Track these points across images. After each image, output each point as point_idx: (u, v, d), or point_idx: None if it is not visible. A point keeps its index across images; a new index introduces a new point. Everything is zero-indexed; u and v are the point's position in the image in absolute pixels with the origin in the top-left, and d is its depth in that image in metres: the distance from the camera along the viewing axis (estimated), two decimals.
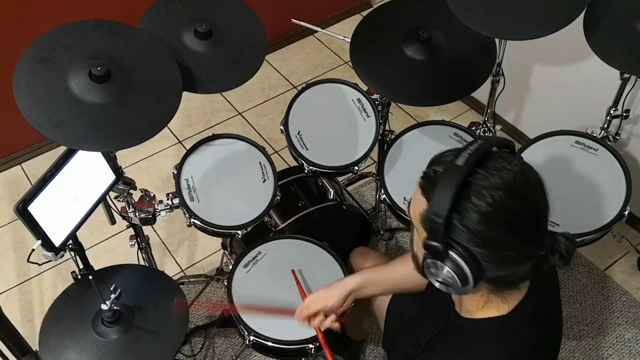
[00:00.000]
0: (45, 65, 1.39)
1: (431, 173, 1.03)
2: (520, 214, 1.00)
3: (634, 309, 2.27)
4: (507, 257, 1.02)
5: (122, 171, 1.68)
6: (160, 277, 1.72)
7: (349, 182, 2.52)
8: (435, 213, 0.97)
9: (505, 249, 1.00)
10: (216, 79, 1.64)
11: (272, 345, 1.63)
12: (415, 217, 1.07)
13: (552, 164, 1.91)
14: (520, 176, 1.00)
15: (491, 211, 0.97)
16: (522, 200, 1.00)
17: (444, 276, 1.03)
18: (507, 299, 1.09)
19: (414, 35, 1.81)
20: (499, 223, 0.98)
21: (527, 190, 1.00)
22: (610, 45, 1.69)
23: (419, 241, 1.09)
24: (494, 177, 0.98)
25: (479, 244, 0.98)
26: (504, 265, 1.03)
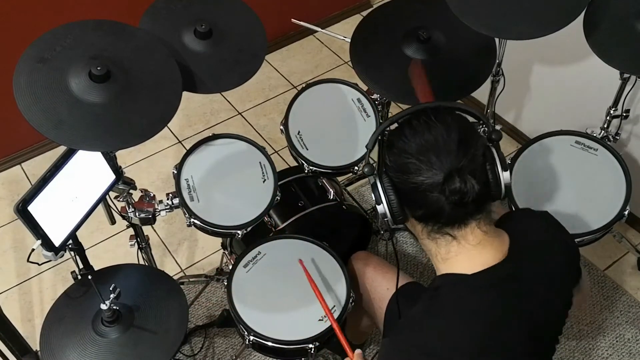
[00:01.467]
0: (45, 65, 1.39)
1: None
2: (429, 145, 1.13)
3: (634, 309, 2.27)
4: (414, 182, 1.13)
5: (122, 171, 1.68)
6: (160, 277, 1.72)
7: (349, 182, 2.52)
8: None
9: (415, 172, 1.12)
10: (216, 79, 1.64)
11: (272, 345, 1.63)
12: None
13: (552, 164, 1.91)
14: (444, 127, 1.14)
15: (399, 132, 1.18)
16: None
17: (376, 199, 1.18)
18: (457, 255, 1.17)
19: (414, 35, 1.81)
20: (407, 154, 1.14)
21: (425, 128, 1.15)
22: (610, 45, 1.69)
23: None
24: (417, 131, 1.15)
25: (394, 169, 1.16)
26: (418, 198, 1.14)
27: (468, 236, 1.16)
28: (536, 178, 1.87)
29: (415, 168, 1.12)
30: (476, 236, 1.16)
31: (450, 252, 1.18)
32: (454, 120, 1.15)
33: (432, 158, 1.10)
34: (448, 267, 1.19)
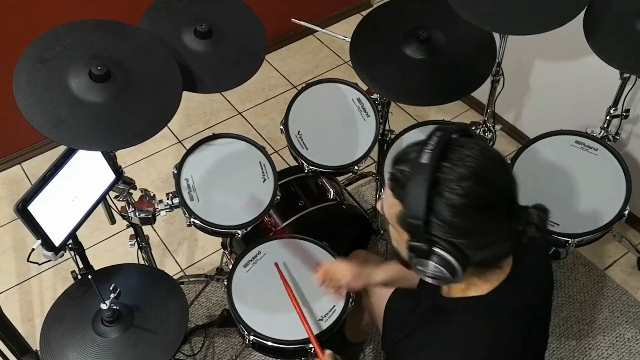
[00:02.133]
0: (45, 65, 1.39)
1: (398, 174, 1.05)
2: (491, 197, 1.02)
3: (634, 308, 2.27)
4: (488, 240, 1.04)
5: (122, 171, 1.68)
6: (160, 276, 1.72)
7: (349, 182, 2.52)
8: (412, 216, 1.00)
9: (484, 234, 1.03)
10: (216, 79, 1.64)
11: (272, 345, 1.63)
12: (392, 218, 1.09)
13: (552, 164, 1.91)
14: (483, 161, 1.02)
15: (464, 202, 0.99)
16: (491, 184, 1.02)
17: (433, 271, 1.05)
18: (489, 279, 1.12)
19: (414, 35, 1.81)
20: (473, 211, 1.00)
21: (492, 173, 1.03)
22: (610, 45, 1.69)
23: (398, 238, 1.11)
24: (459, 168, 1.00)
25: (459, 234, 1.01)
26: (486, 248, 1.05)
27: (509, 261, 1.14)
28: (536, 178, 1.87)
29: (494, 226, 1.04)
30: (510, 259, 1.14)
31: (488, 281, 1.13)
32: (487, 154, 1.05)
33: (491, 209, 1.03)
34: (467, 292, 1.15)
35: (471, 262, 1.05)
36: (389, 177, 1.08)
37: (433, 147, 1.01)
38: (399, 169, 1.05)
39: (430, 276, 1.07)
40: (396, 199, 1.05)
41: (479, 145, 1.04)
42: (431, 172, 0.99)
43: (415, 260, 1.06)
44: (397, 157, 1.08)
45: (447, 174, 0.99)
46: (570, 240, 1.77)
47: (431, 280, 1.09)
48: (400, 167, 1.05)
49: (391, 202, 1.07)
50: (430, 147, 1.01)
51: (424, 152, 1.01)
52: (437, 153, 1.00)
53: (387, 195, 1.09)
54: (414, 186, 0.99)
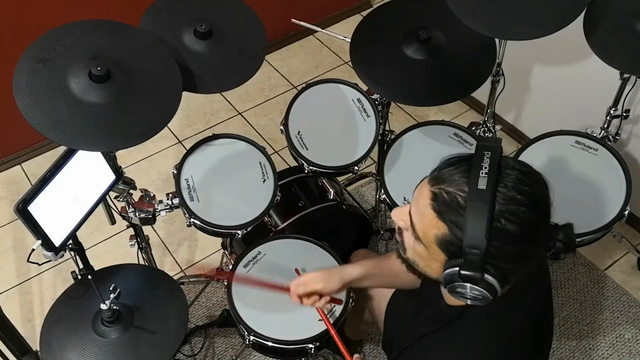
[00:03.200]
0: (45, 65, 1.39)
1: (444, 195, 1.01)
2: (541, 223, 1.02)
3: (634, 309, 2.27)
4: (530, 264, 1.04)
5: (122, 171, 1.68)
6: (160, 276, 1.72)
7: (349, 182, 2.52)
8: (472, 246, 0.97)
9: (530, 258, 1.03)
10: (216, 79, 1.64)
11: (272, 345, 1.63)
12: (428, 237, 1.05)
13: (552, 164, 1.91)
14: (534, 184, 1.01)
15: (518, 230, 0.98)
16: (541, 209, 1.01)
17: (473, 294, 1.03)
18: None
19: (414, 35, 1.81)
20: (527, 239, 1.00)
21: (542, 197, 1.02)
22: (610, 45, 1.69)
23: (427, 256, 1.08)
24: (514, 193, 0.98)
25: (508, 261, 1.00)
26: (524, 269, 1.05)
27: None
28: None
29: (538, 251, 1.04)
30: None
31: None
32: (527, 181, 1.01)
33: (539, 235, 1.02)
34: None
35: (508, 284, 1.04)
36: (432, 197, 1.02)
37: (488, 169, 0.97)
38: (445, 190, 1.00)
39: (470, 298, 1.04)
40: (442, 222, 1.01)
41: (526, 167, 1.03)
42: (491, 200, 0.95)
43: (458, 284, 1.03)
44: (440, 175, 1.03)
45: (503, 200, 0.97)
46: None
47: (469, 301, 1.06)
48: (447, 189, 1.00)
49: (434, 223, 1.02)
50: (484, 169, 0.97)
51: (480, 175, 0.97)
52: (493, 177, 0.97)
53: (427, 215, 1.03)
54: (474, 214, 0.96)
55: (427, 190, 1.04)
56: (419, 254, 1.11)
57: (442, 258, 1.05)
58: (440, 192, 1.01)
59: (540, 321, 1.22)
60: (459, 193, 0.99)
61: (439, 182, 1.03)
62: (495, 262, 0.99)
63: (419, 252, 1.10)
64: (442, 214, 1.01)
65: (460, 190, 0.99)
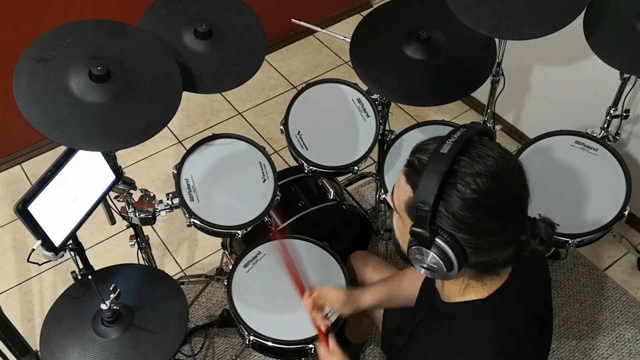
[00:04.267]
0: (45, 65, 1.39)
1: (415, 161, 1.06)
2: (503, 199, 1.02)
3: (634, 309, 2.27)
4: (490, 242, 1.04)
5: (122, 171, 1.68)
6: (160, 276, 1.72)
7: (349, 182, 2.52)
8: (421, 200, 0.99)
9: (488, 234, 1.03)
10: (216, 79, 1.64)
11: (272, 345, 1.63)
12: (400, 204, 1.09)
13: (552, 164, 1.91)
14: (502, 162, 1.02)
15: (475, 197, 0.99)
16: (505, 186, 1.02)
17: (429, 262, 1.05)
18: (487, 284, 1.12)
19: (414, 35, 1.81)
20: (483, 209, 1.00)
21: (509, 176, 1.03)
22: (610, 45, 1.69)
23: (402, 227, 1.11)
24: (477, 164, 1.00)
25: (463, 230, 1.01)
26: (487, 250, 1.05)
27: (508, 269, 1.13)
28: (536, 178, 1.86)
29: (499, 229, 1.03)
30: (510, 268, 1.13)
31: (485, 285, 1.12)
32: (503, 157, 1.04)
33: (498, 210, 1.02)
34: (466, 296, 1.14)
35: (469, 261, 1.04)
36: (406, 164, 1.08)
37: (455, 140, 1.01)
38: (417, 157, 1.06)
39: (426, 267, 1.06)
40: (408, 185, 1.05)
41: (501, 149, 1.04)
42: (449, 162, 0.99)
43: (415, 249, 1.05)
44: (417, 146, 1.09)
45: (464, 168, 1.00)
46: (570, 241, 1.77)
47: (424, 271, 1.08)
48: (418, 155, 1.06)
49: (403, 187, 1.07)
50: (452, 139, 1.01)
51: (445, 143, 1.01)
52: (458, 145, 1.00)
53: (399, 181, 1.09)
54: (429, 172, 0.99)
55: (405, 161, 1.09)
56: (398, 229, 1.14)
57: (410, 225, 1.06)
58: (414, 159, 1.06)
59: (539, 317, 1.22)
60: (424, 158, 1.03)
61: (415, 152, 1.08)
62: (449, 227, 1.00)
63: (399, 228, 1.13)
64: (409, 177, 1.06)
65: (428, 156, 1.03)
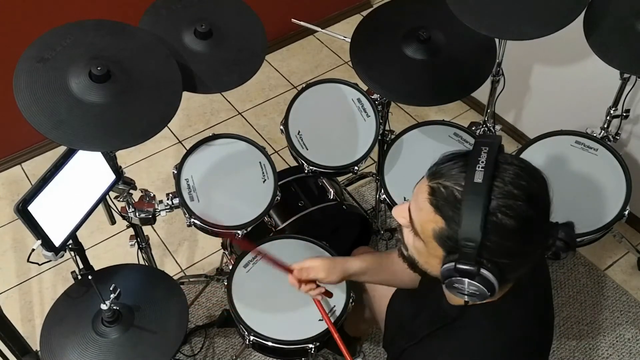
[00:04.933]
0: (45, 65, 1.39)
1: (441, 189, 1.01)
2: (539, 219, 1.01)
3: (634, 309, 2.27)
4: (527, 260, 1.04)
5: (122, 171, 1.68)
6: (160, 276, 1.72)
7: (349, 182, 2.52)
8: (467, 239, 0.97)
9: (527, 255, 1.03)
10: (216, 79, 1.64)
11: (272, 345, 1.63)
12: (426, 231, 1.05)
13: (552, 164, 1.91)
14: (532, 180, 1.01)
15: (515, 224, 0.98)
16: (539, 205, 1.01)
17: (471, 290, 1.03)
18: (502, 289, 1.10)
19: (414, 35, 1.81)
20: (522, 233, 0.99)
21: (540, 193, 1.02)
22: (610, 45, 1.69)
23: (424, 250, 1.09)
24: (512, 188, 0.98)
25: (505, 256, 1.00)
26: (522, 267, 1.05)
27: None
28: None
29: (535, 247, 1.03)
30: None
31: (499, 290, 1.10)
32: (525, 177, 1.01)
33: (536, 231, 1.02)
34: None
35: (506, 280, 1.04)
36: (429, 192, 1.02)
37: (484, 164, 0.97)
38: (443, 184, 1.01)
39: (467, 294, 1.05)
40: (439, 216, 1.01)
41: (524, 163, 1.03)
42: (488, 193, 0.96)
43: (455, 280, 1.03)
44: (438, 170, 1.04)
45: (500, 195, 0.97)
46: None
47: (466, 297, 1.06)
48: (445, 183, 1.01)
49: (431, 217, 1.02)
50: (481, 164, 0.97)
51: (476, 169, 0.97)
52: (490, 171, 0.97)
53: (422, 207, 1.04)
54: (471, 209, 0.96)
55: (425, 186, 1.04)
56: (418, 250, 1.11)
57: (440, 253, 1.05)
58: (438, 186, 1.02)
59: (542, 317, 1.22)
60: (455, 187, 1.00)
61: (436, 177, 1.03)
62: (492, 256, 0.99)
63: (418, 249, 1.11)
64: (439, 208, 1.01)
65: (457, 184, 0.99)
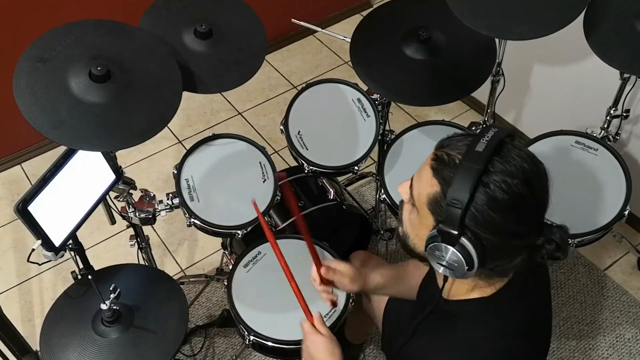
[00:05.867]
0: (45, 65, 1.39)
1: (444, 156, 1.03)
2: (531, 203, 1.02)
3: (634, 309, 2.27)
4: (512, 245, 1.04)
5: (122, 171, 1.68)
6: (160, 276, 1.72)
7: (349, 182, 2.52)
8: (455, 197, 0.98)
9: (512, 237, 1.02)
10: (216, 79, 1.64)
11: (272, 345, 1.63)
12: (421, 197, 1.07)
13: (552, 164, 1.88)
14: (533, 166, 1.02)
15: (506, 199, 0.98)
16: (534, 190, 1.01)
17: (449, 260, 1.04)
18: (494, 284, 1.12)
19: (414, 35, 1.81)
20: (512, 211, 0.99)
21: (538, 180, 1.03)
22: (610, 45, 1.69)
23: (417, 221, 1.10)
24: (510, 166, 0.99)
25: (488, 230, 1.00)
26: (507, 253, 1.05)
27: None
28: None
29: (522, 233, 1.03)
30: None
31: (492, 285, 1.12)
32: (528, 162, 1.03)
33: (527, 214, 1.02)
34: (471, 294, 1.14)
35: (488, 262, 1.03)
36: (433, 157, 1.05)
37: (489, 138, 1.00)
38: (446, 152, 1.04)
39: (445, 264, 1.05)
40: (436, 180, 1.03)
41: (530, 153, 1.04)
42: (485, 161, 0.98)
43: (435, 245, 1.04)
44: (444, 142, 1.07)
45: (498, 168, 0.99)
46: (571, 241, 1.77)
47: (443, 269, 1.06)
48: (447, 151, 1.04)
49: (429, 181, 1.04)
50: (486, 138, 1.00)
51: (480, 141, 1.00)
52: (492, 145, 0.99)
53: (423, 174, 1.06)
54: (464, 170, 0.98)
55: (431, 154, 1.07)
56: (412, 222, 1.13)
57: (430, 222, 1.06)
58: (442, 153, 1.05)
59: (539, 315, 1.22)
60: (457, 155, 1.02)
61: (443, 147, 1.06)
62: (476, 227, 0.99)
63: (412, 221, 1.12)
64: (438, 171, 1.04)
65: (460, 153, 1.02)
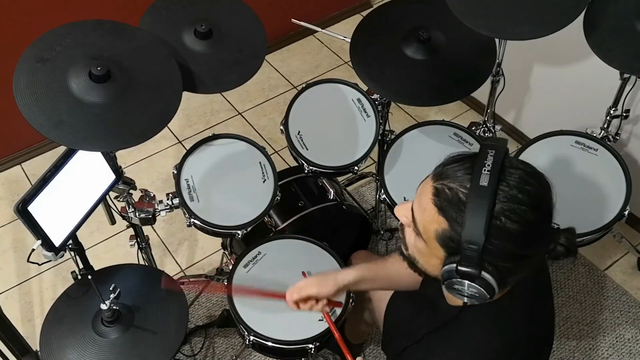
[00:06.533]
0: (45, 65, 1.39)
1: (446, 190, 1.01)
2: (542, 224, 1.02)
3: (634, 309, 2.27)
4: (528, 263, 1.04)
5: (122, 171, 1.68)
6: (160, 277, 1.72)
7: (349, 182, 2.52)
8: (470, 241, 0.97)
9: (527, 257, 1.03)
10: (216, 79, 1.64)
11: (272, 345, 1.63)
12: (428, 232, 1.05)
13: (552, 164, 1.91)
14: (537, 186, 1.01)
15: (519, 230, 0.98)
16: (543, 210, 1.01)
17: (470, 292, 1.03)
18: (500, 289, 1.11)
19: (414, 35, 1.81)
20: (526, 239, 0.99)
21: (544, 198, 1.02)
22: (610, 45, 1.69)
23: (426, 250, 1.08)
24: (516, 192, 0.98)
25: (505, 259, 1.00)
26: (523, 269, 1.05)
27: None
28: None
29: (536, 251, 1.03)
30: None
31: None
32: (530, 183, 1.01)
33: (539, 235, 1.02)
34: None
35: (507, 284, 1.04)
36: (434, 192, 1.02)
37: (491, 167, 0.97)
38: (448, 186, 1.00)
39: (466, 296, 1.05)
40: (442, 217, 1.01)
41: (529, 167, 1.03)
42: (493, 197, 0.95)
43: (455, 281, 1.02)
44: (443, 172, 1.03)
45: (505, 200, 0.97)
46: None
47: (466, 299, 1.06)
48: (450, 184, 1.00)
49: (434, 218, 1.02)
50: (487, 167, 0.97)
51: (482, 172, 0.97)
52: (496, 174, 0.97)
53: (425, 208, 1.04)
54: (475, 213, 0.96)
55: (430, 186, 1.04)
56: (419, 250, 1.11)
57: (441, 254, 1.05)
58: (443, 187, 1.01)
59: (542, 321, 1.22)
60: (460, 189, 0.99)
61: (442, 178, 1.03)
62: (493, 260, 0.99)
63: (419, 249, 1.11)
64: (443, 209, 1.01)
65: (462, 186, 0.99)
